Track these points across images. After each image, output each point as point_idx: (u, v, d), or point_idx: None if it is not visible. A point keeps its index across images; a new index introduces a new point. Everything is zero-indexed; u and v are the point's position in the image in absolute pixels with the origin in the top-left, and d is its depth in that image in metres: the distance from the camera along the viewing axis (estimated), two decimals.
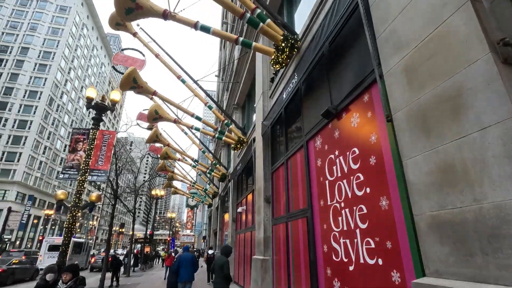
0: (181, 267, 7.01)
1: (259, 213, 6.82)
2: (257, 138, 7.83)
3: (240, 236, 10.22)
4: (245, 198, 10.06)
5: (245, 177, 10.55)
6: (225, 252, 6.13)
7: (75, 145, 9.97)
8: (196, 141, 16.09)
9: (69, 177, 9.51)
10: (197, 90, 11.01)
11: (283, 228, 5.56)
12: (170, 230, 49.26)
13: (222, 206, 17.41)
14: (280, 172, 6.19)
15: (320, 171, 4.19)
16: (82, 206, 8.93)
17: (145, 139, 14.22)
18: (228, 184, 13.18)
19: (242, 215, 10.13)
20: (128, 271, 15.68)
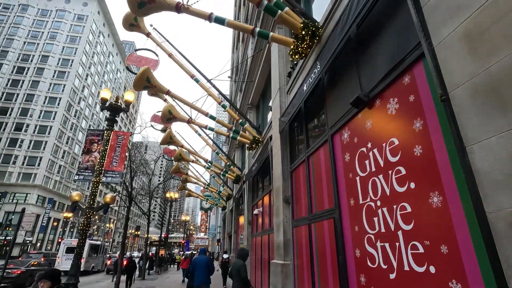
0: (196, 270, 6.79)
1: (278, 214, 6.43)
2: (274, 136, 7.47)
3: (257, 239, 9.85)
4: (261, 200, 9.69)
5: (261, 178, 10.19)
6: (241, 255, 5.83)
7: (89, 146, 9.93)
8: (210, 142, 15.90)
9: (84, 179, 9.44)
10: (211, 90, 10.80)
11: (305, 231, 5.15)
12: (184, 233, 49.48)
13: (237, 209, 17.10)
14: (301, 171, 5.79)
15: (348, 167, 3.78)
16: (96, 208, 8.83)
17: (160, 141, 14.14)
18: (243, 186, 12.86)
19: (259, 217, 9.76)
20: (143, 274, 15.58)
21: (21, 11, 57.76)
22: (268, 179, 9.08)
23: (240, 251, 5.99)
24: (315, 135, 5.33)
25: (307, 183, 5.24)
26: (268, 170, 9.22)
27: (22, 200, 45.11)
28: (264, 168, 9.69)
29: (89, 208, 8.50)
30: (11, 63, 53.35)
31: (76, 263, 7.90)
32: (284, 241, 5.90)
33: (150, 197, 17.13)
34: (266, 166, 9.39)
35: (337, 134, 4.22)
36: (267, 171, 9.31)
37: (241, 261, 5.72)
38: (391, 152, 2.93)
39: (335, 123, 4.24)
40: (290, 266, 5.67)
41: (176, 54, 10.97)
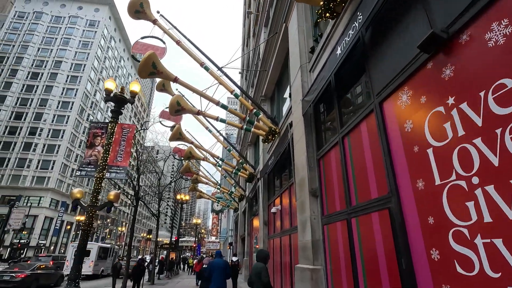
0: (213, 274, 6.41)
1: (303, 210, 5.46)
2: (295, 121, 6.52)
3: (275, 241, 8.86)
4: (279, 197, 8.72)
5: (278, 173, 9.23)
6: (262, 258, 4.92)
7: (93, 140, 9.22)
8: (221, 139, 15.07)
9: (86, 174, 8.72)
10: (222, 78, 9.95)
11: (342, 228, 4.17)
12: (195, 236, 48.77)
13: (250, 210, 16.15)
14: (332, 156, 4.82)
15: (412, 138, 2.80)
16: (99, 206, 8.07)
17: (169, 144, 13.40)
18: (257, 184, 11.93)
19: (276, 216, 8.79)
20: (152, 278, 14.79)
21: (36, 19, 59.05)
22: (287, 172, 8.12)
23: (259, 252, 5.06)
24: (352, 110, 4.37)
25: (342, 169, 4.26)
26: (286, 163, 8.27)
27: (35, 203, 45.50)
28: (282, 161, 8.74)
29: (91, 206, 7.76)
30: (26, 69, 54.41)
31: (76, 266, 7.14)
32: (312, 242, 4.92)
33: (159, 198, 16.40)
34: (284, 159, 8.44)
35: (388, 100, 3.25)
36: (285, 165, 8.36)
37: (261, 264, 4.81)
38: (500, 100, 1.94)
39: (386, 86, 3.27)
40: (322, 272, 4.68)
41: (184, 42, 10.26)
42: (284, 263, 7.48)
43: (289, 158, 7.91)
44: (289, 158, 7.92)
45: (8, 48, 55.46)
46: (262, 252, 5.05)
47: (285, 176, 8.59)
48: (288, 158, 7.98)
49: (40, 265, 13.71)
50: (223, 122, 9.99)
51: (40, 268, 13.40)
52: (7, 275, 11.78)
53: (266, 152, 11.22)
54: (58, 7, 61.43)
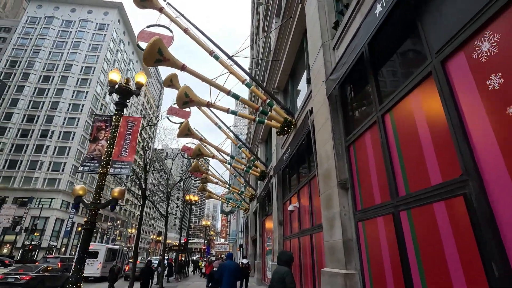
0: (223, 276, 6.20)
1: (330, 206, 4.72)
2: (316, 107, 5.79)
3: (292, 241, 8.11)
4: (296, 194, 7.98)
5: (295, 168, 8.49)
6: (285, 260, 4.20)
7: (96, 134, 8.68)
8: (231, 135, 14.43)
9: (89, 170, 8.16)
10: (232, 66, 9.30)
11: (385, 224, 3.42)
12: (205, 238, 48.29)
13: (262, 210, 15.42)
14: (367, 140, 4.08)
15: (501, 98, 2.05)
16: (102, 204, 7.48)
17: (178, 142, 12.84)
18: (270, 182, 11.21)
19: (294, 215, 8.04)
20: (161, 281, 14.20)
21: (47, 23, 59.98)
22: (306, 166, 7.38)
23: (281, 254, 4.33)
24: (394, 80, 3.62)
25: (384, 153, 3.52)
26: (304, 156, 7.54)
27: (47, 205, 45.82)
28: (299, 155, 8.01)
29: (94, 203, 7.19)
30: (38, 72, 55.21)
31: (78, 268, 6.55)
32: (343, 242, 4.17)
33: (168, 197, 15.85)
34: (302, 152, 7.72)
35: (456, 56, 2.50)
36: (303, 158, 7.63)
37: (285, 268, 4.08)
38: None
39: (451, 39, 2.53)
40: (357, 278, 3.92)
41: (192, 30, 9.67)
42: (304, 266, 6.72)
43: (308, 150, 7.18)
44: (308, 150, 7.19)
45: (20, 53, 56.44)
46: (285, 254, 4.32)
47: (303, 170, 7.85)
48: (306, 150, 7.25)
49: (47, 267, 13.28)
50: (234, 114, 9.33)
51: (46, 270, 12.97)
52: (11, 277, 11.37)
53: (280, 147, 10.50)
54: (68, 11, 62.30)
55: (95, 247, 19.28)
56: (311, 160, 7.08)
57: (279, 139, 10.73)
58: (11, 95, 52.43)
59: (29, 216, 43.44)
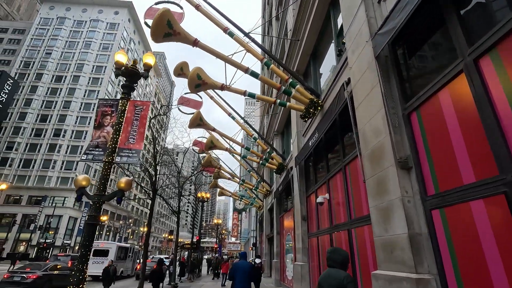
0: (236, 277, 5.93)
1: (383, 192, 3.73)
2: (355, 76, 4.80)
3: (321, 239, 7.11)
4: (325, 184, 6.98)
5: (323, 154, 7.47)
6: (340, 262, 3.18)
7: (101, 120, 7.91)
8: (246, 127, 13.51)
9: (93, 158, 7.39)
10: (249, 44, 8.36)
11: (484, 210, 2.41)
12: (216, 237, 47.66)
13: (279, 206, 14.45)
14: (442, 100, 3.06)
15: None
16: (107, 196, 6.67)
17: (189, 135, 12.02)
18: (290, 173, 10.23)
19: (323, 208, 7.04)
20: (174, 280, 13.44)
21: (59, 24, 60.60)
22: (338, 151, 6.37)
23: (333, 253, 3.23)
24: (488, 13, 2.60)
25: (481, 108, 2.50)
26: (336, 140, 6.54)
27: (60, 203, 46.15)
28: (329, 139, 7.03)
29: (98, 195, 6.41)
30: (50, 72, 55.81)
31: (80, 268, 5.78)
32: (410, 237, 3.17)
33: (179, 193, 15.07)
34: (332, 135, 6.73)
35: None
36: (335, 141, 6.64)
37: (343, 272, 3.01)
38: None
39: None
40: (433, 284, 2.92)
41: (204, 6, 8.83)
42: None
43: (342, 131, 6.18)
44: (342, 131, 6.18)
45: (34, 53, 57.21)
46: (338, 252, 3.22)
47: (333, 156, 6.85)
48: (340, 131, 6.25)
49: (55, 265, 12.71)
50: (252, 97, 8.39)
51: (55, 269, 12.39)
52: (17, 275, 10.81)
53: (302, 135, 9.51)
54: (79, 12, 62.81)
55: (105, 245, 18.77)
56: (345, 142, 6.08)
57: (300, 126, 9.75)
58: (25, 95, 53.16)
59: (43, 215, 43.81)
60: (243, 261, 6.32)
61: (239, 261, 6.32)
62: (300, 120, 9.83)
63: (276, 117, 14.90)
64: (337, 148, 6.51)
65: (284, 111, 12.79)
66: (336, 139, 6.44)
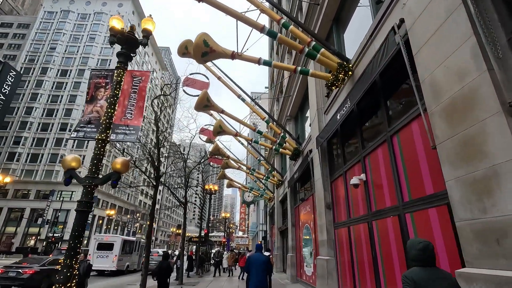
0: (251, 271, 5.62)
1: (475, 155, 2.58)
2: (416, 9, 3.59)
3: (354, 229, 5.96)
4: (359, 163, 5.80)
5: (355, 129, 6.27)
6: (424, 258, 2.22)
7: (94, 93, 6.85)
8: (257, 109, 12.34)
9: (85, 136, 6.36)
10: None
11: None
12: (224, 231, 47.02)
13: (294, 196, 13.33)
14: None
15: None
16: (101, 179, 5.65)
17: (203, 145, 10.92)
18: (310, 156, 9.07)
19: (356, 193, 5.88)
20: (180, 277, 12.51)
21: (63, 17, 59.93)
22: (381, 118, 5.18)
23: (414, 244, 2.20)
24: None
25: None
26: (375, 107, 5.35)
27: (67, 198, 45.98)
28: (364, 108, 5.86)
29: (90, 178, 5.42)
30: (56, 66, 55.32)
31: (68, 264, 4.83)
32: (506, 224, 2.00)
33: (186, 183, 14.05)
34: (369, 103, 5.54)
35: None
36: (374, 109, 5.46)
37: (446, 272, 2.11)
38: None
39: None
40: None
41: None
42: (386, 262, 4.57)
43: (381, 97, 4.99)
44: (381, 97, 4.99)
45: (39, 48, 56.78)
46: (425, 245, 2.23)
47: (371, 128, 5.68)
48: (378, 98, 5.05)
49: (54, 260, 11.88)
50: (268, 65, 7.22)
51: (54, 263, 11.56)
52: (13, 271, 10.00)
53: (324, 113, 8.32)
54: (83, 5, 61.99)
55: (110, 239, 17.97)
56: (391, 107, 4.89)
57: (321, 103, 8.55)
58: (31, 90, 52.86)
59: (51, 209, 43.67)
60: (259, 253, 5.88)
61: (254, 254, 5.91)
62: (321, 96, 8.65)
63: (289, 100, 13.68)
64: (376, 117, 5.33)
65: (300, 90, 11.58)
66: (376, 106, 5.25)
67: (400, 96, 4.67)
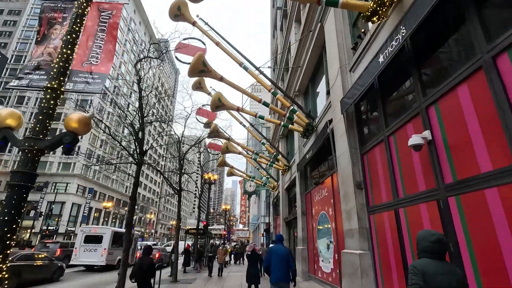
0: (273, 264, 5.28)
1: None
2: None
3: (404, 212, 4.26)
4: (417, 116, 4.08)
5: (410, 71, 4.52)
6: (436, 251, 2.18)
7: (47, 31, 5.10)
8: (262, 79, 10.56)
9: (30, 85, 4.64)
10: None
11: None
12: (225, 223, 45.67)
13: (305, 180, 11.65)
14: None
15: None
16: (49, 141, 3.91)
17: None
18: (329, 128, 7.35)
19: (413, 159, 4.16)
20: (175, 273, 10.93)
21: None
22: (476, 32, 3.44)
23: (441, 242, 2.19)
24: None
25: None
26: (448, 31, 3.60)
27: (62, 190, 44.48)
28: (431, 34, 4.10)
29: (32, 139, 3.77)
30: None
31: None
32: None
33: (180, 168, 12.35)
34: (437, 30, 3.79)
35: None
36: (448, 31, 3.70)
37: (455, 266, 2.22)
38: None
39: None
40: None
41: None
42: (478, 258, 2.89)
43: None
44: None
45: (30, 34, 54.66)
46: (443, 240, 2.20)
47: (439, 62, 3.93)
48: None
49: (27, 255, 10.26)
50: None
51: (27, 258, 9.95)
52: None
53: (349, 71, 6.57)
54: None
55: (99, 231, 16.35)
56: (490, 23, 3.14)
57: (346, 59, 6.79)
58: None
59: (45, 201, 42.16)
60: (279, 245, 5.55)
61: (275, 246, 5.56)
62: (344, 50, 6.90)
63: (298, 72, 11.85)
64: (446, 45, 3.59)
65: (312, 55, 9.75)
66: (446, 32, 3.50)
67: None
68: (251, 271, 7.86)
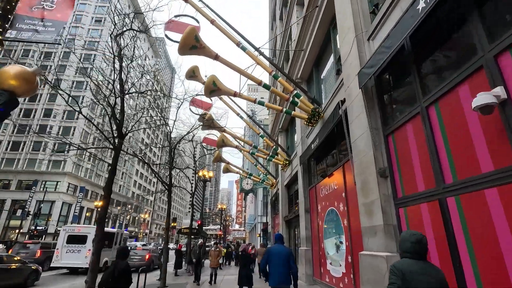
0: (271, 265, 4.79)
1: None
2: None
3: (456, 203, 3.24)
4: (481, 70, 3.06)
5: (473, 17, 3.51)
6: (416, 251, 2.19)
7: None
8: (262, 60, 9.49)
9: None
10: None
11: None
12: (221, 223, 44.51)
13: (308, 174, 10.60)
14: None
15: None
16: None
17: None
18: (341, 108, 6.30)
19: (474, 130, 3.13)
20: (164, 277, 9.81)
21: None
22: None
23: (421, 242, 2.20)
24: None
25: None
26: None
27: (52, 188, 42.96)
28: None
29: None
30: (39, 48, 51.65)
31: None
32: None
33: (171, 161, 11.22)
34: None
35: None
36: None
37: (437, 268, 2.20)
38: None
39: None
40: None
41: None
42: None
43: None
44: None
45: None
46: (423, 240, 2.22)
47: None
48: None
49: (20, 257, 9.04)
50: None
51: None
52: None
53: (366, 40, 5.53)
54: None
55: (83, 230, 15.09)
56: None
57: (363, 26, 5.76)
58: None
59: (34, 200, 40.58)
60: (279, 245, 5.06)
61: (274, 246, 5.17)
62: (360, 16, 5.87)
63: (301, 56, 10.76)
64: None
65: (318, 34, 8.69)
66: None
67: None
68: (242, 273, 7.84)
